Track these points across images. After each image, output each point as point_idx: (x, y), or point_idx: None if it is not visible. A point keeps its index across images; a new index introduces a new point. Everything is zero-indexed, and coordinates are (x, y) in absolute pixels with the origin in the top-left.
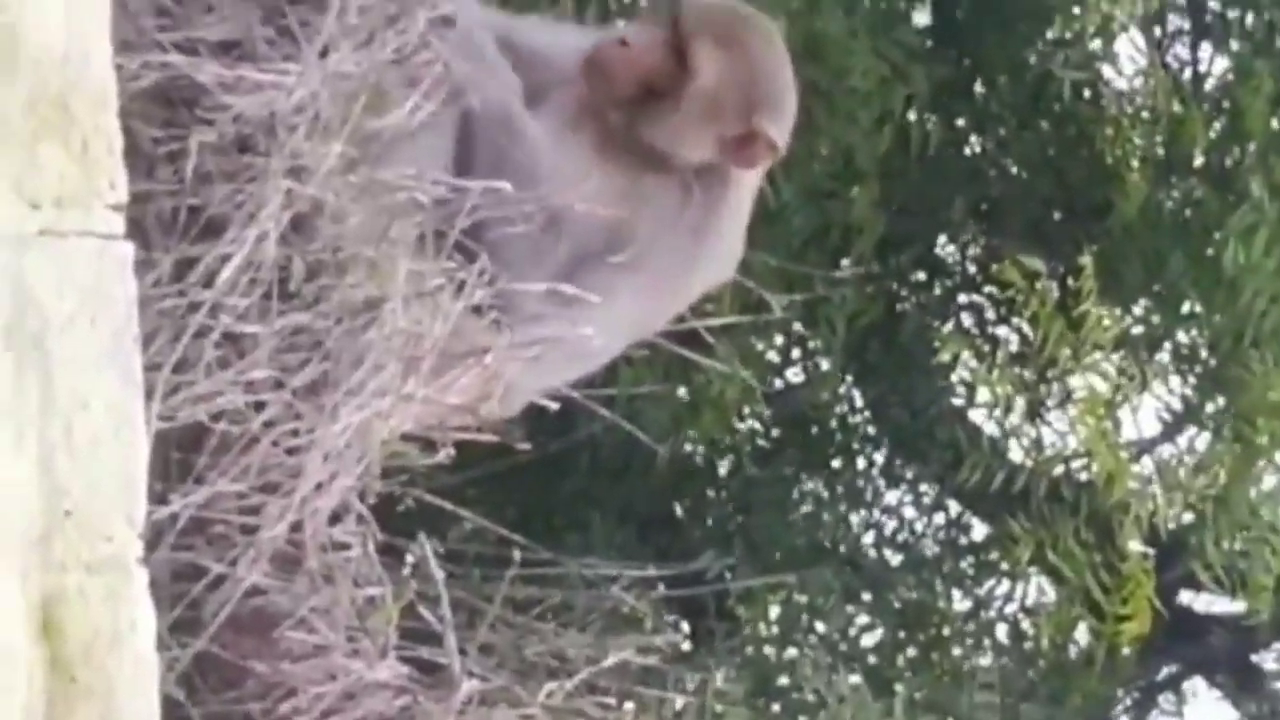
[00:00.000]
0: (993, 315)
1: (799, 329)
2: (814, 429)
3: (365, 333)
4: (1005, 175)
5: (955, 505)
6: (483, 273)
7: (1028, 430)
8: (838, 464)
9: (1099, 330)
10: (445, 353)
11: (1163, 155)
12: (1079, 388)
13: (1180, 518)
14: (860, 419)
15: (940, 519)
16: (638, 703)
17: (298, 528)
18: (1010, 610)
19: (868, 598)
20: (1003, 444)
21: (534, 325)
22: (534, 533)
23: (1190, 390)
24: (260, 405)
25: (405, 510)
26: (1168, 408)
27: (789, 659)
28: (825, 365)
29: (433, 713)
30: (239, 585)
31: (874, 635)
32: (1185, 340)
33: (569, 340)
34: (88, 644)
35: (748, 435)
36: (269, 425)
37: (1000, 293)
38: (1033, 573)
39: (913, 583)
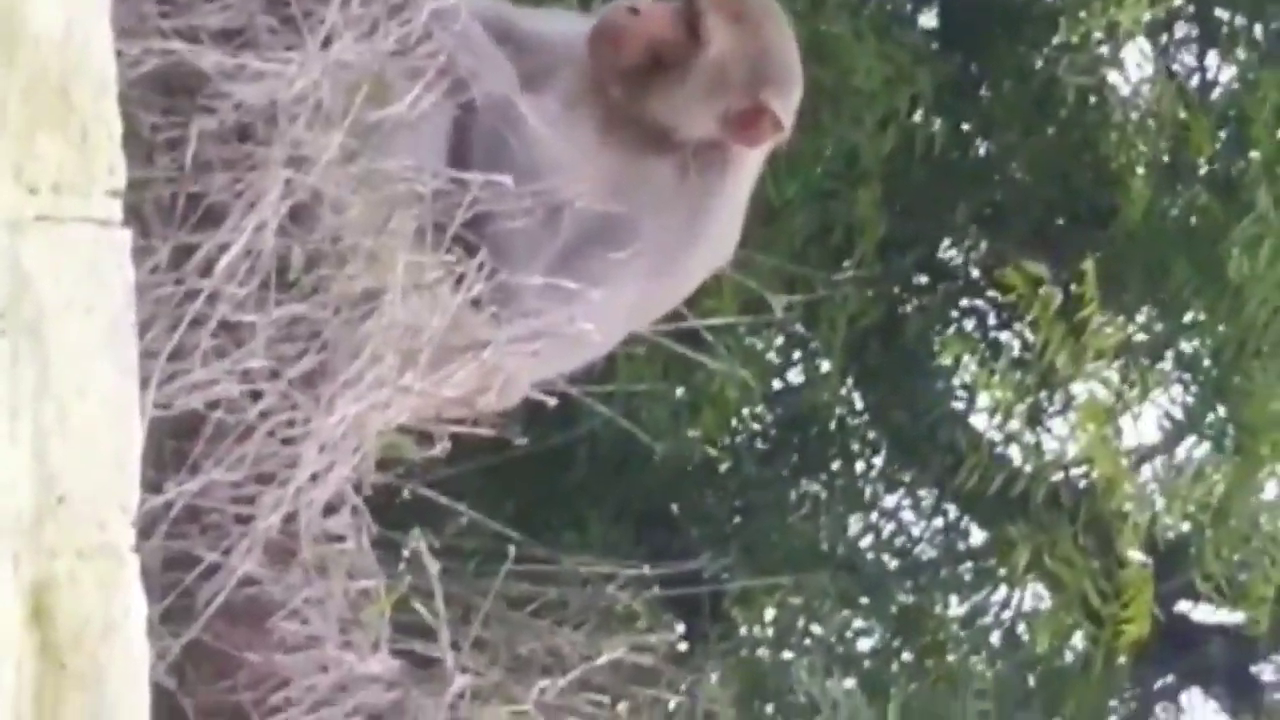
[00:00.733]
0: (994, 320)
1: (800, 330)
2: (813, 430)
3: (363, 324)
4: (1009, 179)
5: (954, 510)
6: (482, 266)
7: (1028, 436)
8: (837, 466)
9: (1100, 337)
10: (443, 345)
11: (1168, 162)
12: (1080, 394)
13: (1179, 527)
14: (860, 421)
15: (938, 523)
16: (630, 702)
17: (292, 518)
18: (1007, 616)
19: (864, 601)
20: (1002, 449)
21: (533, 319)
22: (531, 528)
23: (1192, 399)
24: (256, 395)
25: (402, 504)
26: (1169, 416)
27: (783, 661)
28: (825, 366)
29: (425, 707)
30: (232, 575)
31: (869, 639)
32: (1187, 349)
33: (568, 333)
34: (78, 631)
35: (747, 436)
36: (265, 415)
37: (1002, 297)
38: (1030, 579)
39: (909, 587)
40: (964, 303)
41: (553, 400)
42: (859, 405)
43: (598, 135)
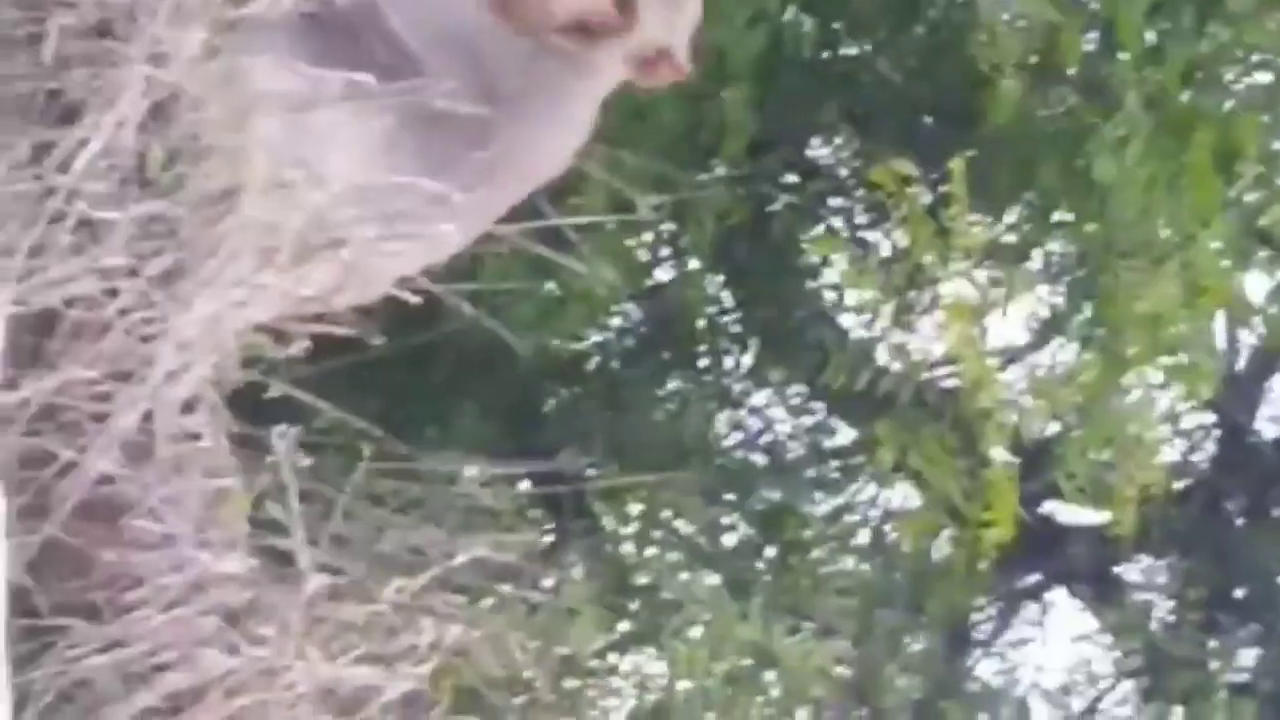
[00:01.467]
0: (863, 219)
1: (669, 227)
2: (682, 328)
3: (222, 222)
4: (879, 78)
5: (821, 408)
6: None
7: (895, 335)
8: (705, 364)
9: (968, 237)
10: (302, 243)
11: (1036, 63)
12: (947, 294)
13: (1046, 428)
14: (729, 319)
15: (806, 421)
16: (493, 600)
17: (149, 416)
18: (874, 515)
19: (730, 498)
20: (870, 348)
21: (392, 218)
22: (396, 426)
23: (1059, 300)
24: (114, 292)
25: (265, 402)
26: (1036, 317)
27: (647, 558)
28: (694, 264)
29: (280, 605)
30: (89, 473)
31: (734, 536)
32: (1055, 250)
33: (428, 233)
34: None
35: (615, 333)
36: (123, 313)
37: (871, 196)
38: (897, 479)
39: (776, 485)
40: (833, 201)
41: (416, 299)
42: (728, 303)
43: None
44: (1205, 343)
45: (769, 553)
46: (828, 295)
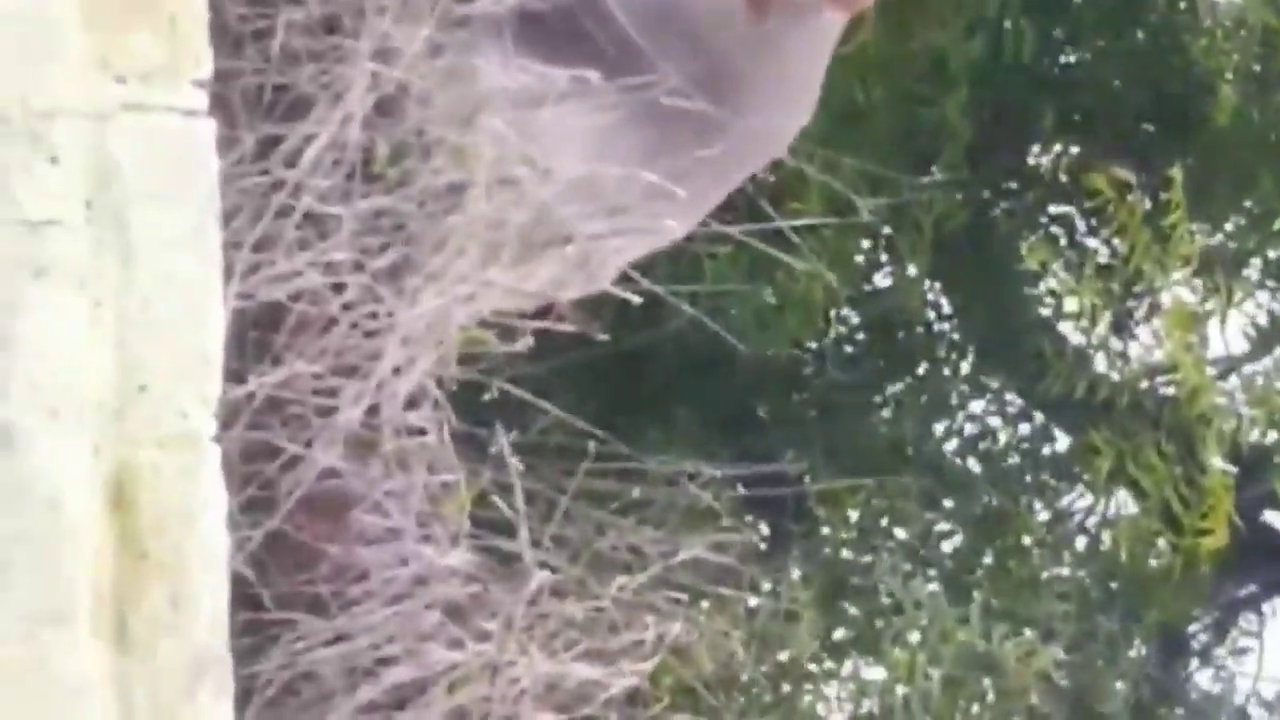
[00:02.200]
0: (1082, 226)
1: (887, 232)
2: (899, 334)
3: (447, 217)
4: (1098, 85)
5: (1039, 415)
6: (567, 161)
7: (1113, 342)
8: (922, 370)
9: (1187, 244)
10: (527, 239)
11: (1257, 70)
12: (1166, 301)
13: (1265, 435)
14: (946, 326)
15: (1024, 429)
16: (712, 600)
17: (374, 411)
18: (1091, 523)
19: (948, 504)
20: (1088, 355)
21: (617, 214)
22: (616, 427)
23: (1278, 307)
24: (340, 287)
25: (487, 400)
26: (1255, 325)
27: (866, 562)
28: (912, 270)
29: (503, 602)
30: (313, 467)
31: (953, 542)
32: (1274, 256)
33: (652, 229)
34: (159, 520)
35: (833, 338)
36: (348, 307)
37: (1089, 203)
38: (1114, 486)
39: (993, 491)
40: (1051, 208)
41: (637, 299)
42: (945, 309)
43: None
44: None
45: (987, 558)
46: (1046, 302)
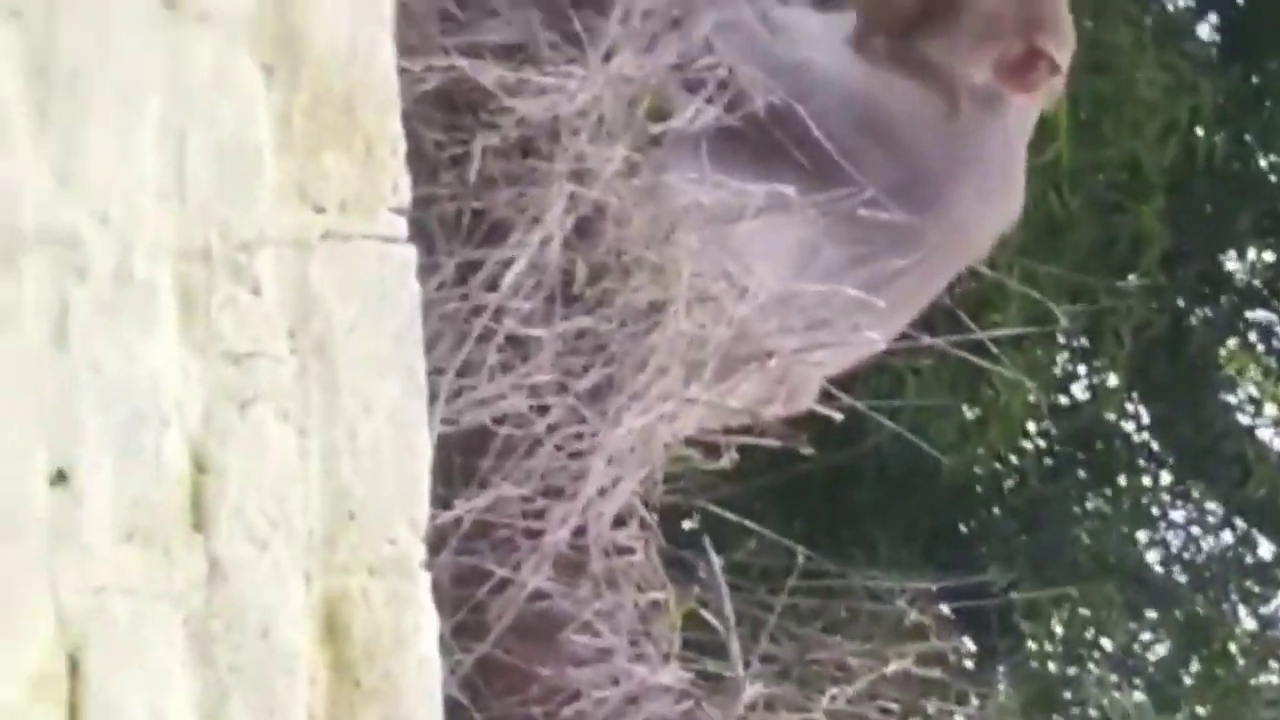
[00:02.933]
0: None
1: (1084, 343)
2: (1099, 445)
3: (648, 336)
4: None
5: (1241, 522)
6: (767, 277)
7: None
8: (1123, 480)
9: None
10: (729, 356)
11: None
12: None
13: None
14: (1146, 435)
15: (1226, 536)
16: (921, 715)
17: (581, 532)
18: None
19: (1152, 614)
20: None
21: (818, 328)
22: (819, 545)
23: None
24: (543, 409)
25: (690, 522)
26: None
27: (1072, 674)
28: (1112, 380)
29: (716, 717)
30: (522, 589)
31: (1158, 651)
32: None
33: (853, 342)
34: (371, 646)
35: (1033, 451)
36: (552, 429)
37: None
38: None
39: (1198, 599)
40: (1248, 314)
41: (839, 415)
42: (1145, 419)
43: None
44: None
45: (1193, 667)
46: (1245, 408)
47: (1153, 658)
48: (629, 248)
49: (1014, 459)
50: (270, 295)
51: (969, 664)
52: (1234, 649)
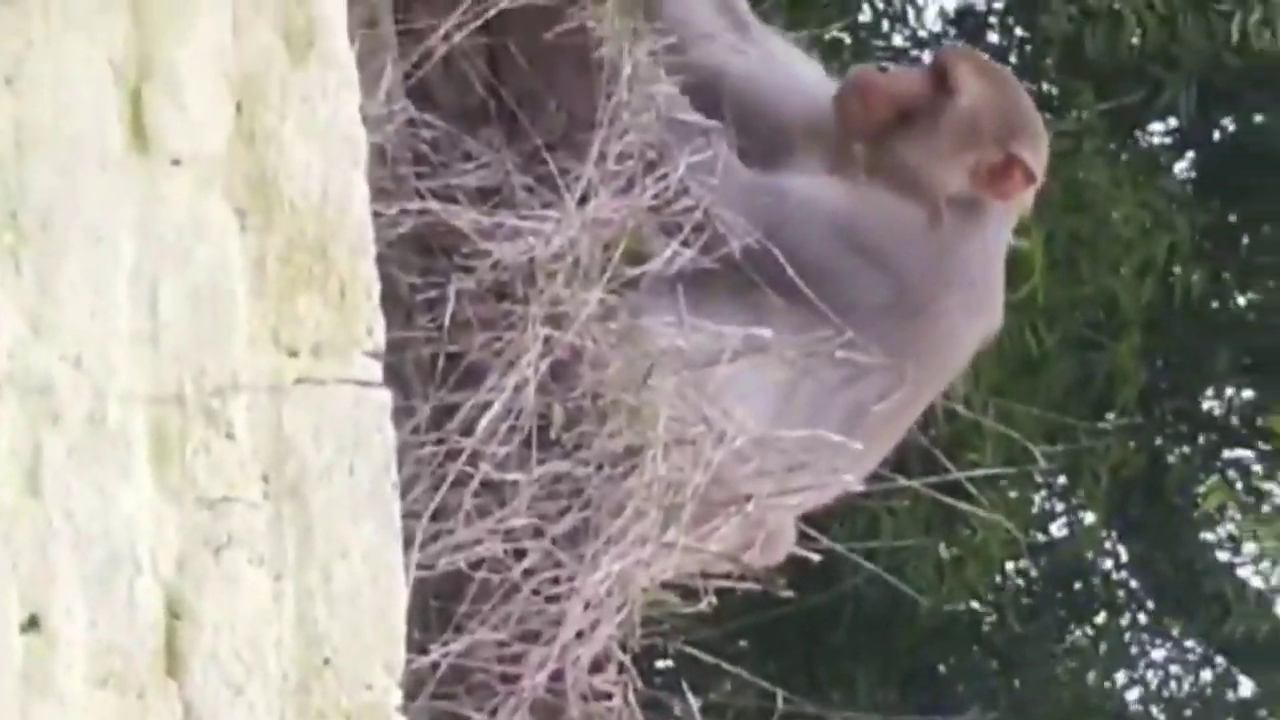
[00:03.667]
0: (1259, 469)
1: (1062, 481)
2: (1078, 584)
3: (625, 480)
4: (1270, 328)
5: (1221, 660)
6: (745, 421)
7: None
8: (1102, 619)
9: None
10: (706, 500)
11: None
12: None
13: None
14: (1125, 573)
15: (1207, 675)
16: None
17: (558, 677)
18: None
19: None
20: (1270, 599)
21: (796, 471)
22: (797, 686)
23: None
24: (520, 553)
25: (667, 665)
26: None
27: None
28: (1089, 518)
29: None
30: None
31: None
32: None
33: (831, 484)
34: None
35: (1012, 590)
36: (529, 573)
37: (1265, 446)
38: None
39: None
40: (1226, 453)
41: (816, 556)
42: (1123, 557)
43: (848, 198)
44: None
45: None
46: (1224, 546)
47: None
48: (605, 391)
49: (992, 598)
50: (244, 440)
51: None
52: None
